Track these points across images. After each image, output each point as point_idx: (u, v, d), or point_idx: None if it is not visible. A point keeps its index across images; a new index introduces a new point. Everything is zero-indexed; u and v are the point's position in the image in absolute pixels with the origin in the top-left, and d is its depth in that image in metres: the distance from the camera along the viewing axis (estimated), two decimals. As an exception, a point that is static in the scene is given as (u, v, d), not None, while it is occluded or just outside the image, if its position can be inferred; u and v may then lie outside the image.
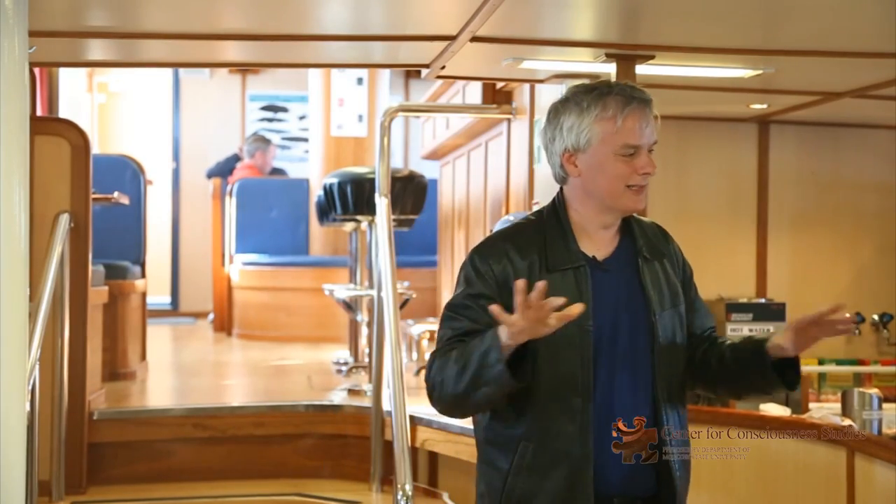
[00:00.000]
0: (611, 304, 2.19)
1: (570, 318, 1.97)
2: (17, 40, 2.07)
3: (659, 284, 2.25)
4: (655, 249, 2.29)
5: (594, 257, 2.22)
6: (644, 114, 2.25)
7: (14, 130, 2.07)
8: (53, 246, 3.92)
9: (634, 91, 2.24)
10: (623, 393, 2.17)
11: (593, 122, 2.19)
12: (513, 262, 2.18)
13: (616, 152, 2.20)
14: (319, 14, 3.10)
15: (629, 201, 2.22)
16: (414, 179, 5.27)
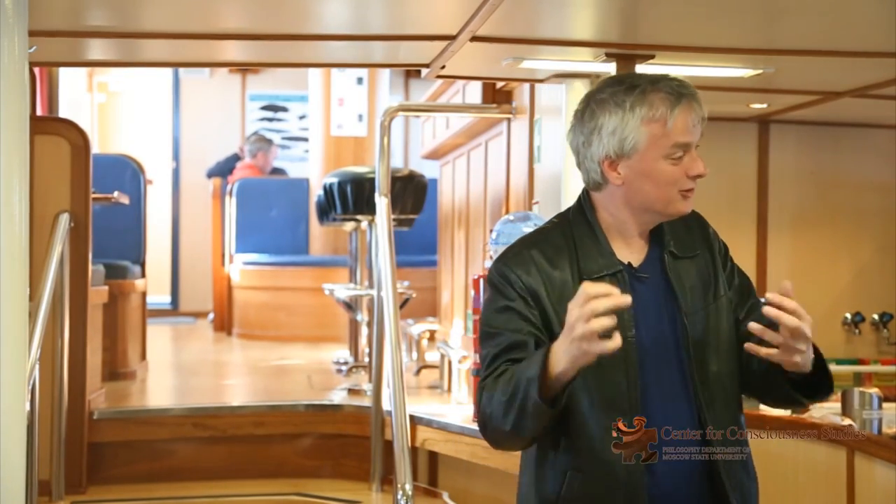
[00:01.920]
0: (651, 312, 2.02)
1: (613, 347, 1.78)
2: (17, 40, 2.07)
3: (690, 281, 2.07)
4: (685, 244, 2.11)
5: (629, 263, 2.04)
6: (693, 109, 2.05)
7: (14, 130, 2.07)
8: (53, 246, 3.92)
9: (682, 86, 2.04)
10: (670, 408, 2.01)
11: (641, 125, 1.99)
12: (543, 272, 1.99)
13: (666, 154, 2.02)
14: (319, 13, 3.09)
15: (681, 205, 2.06)
16: (414, 179, 5.27)
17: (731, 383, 2.10)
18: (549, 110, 3.83)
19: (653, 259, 2.07)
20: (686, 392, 2.02)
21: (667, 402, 2.01)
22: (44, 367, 3.89)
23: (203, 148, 9.89)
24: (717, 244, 2.19)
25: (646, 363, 1.98)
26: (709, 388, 2.03)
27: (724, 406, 2.07)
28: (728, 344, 2.09)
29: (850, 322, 5.28)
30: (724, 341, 2.08)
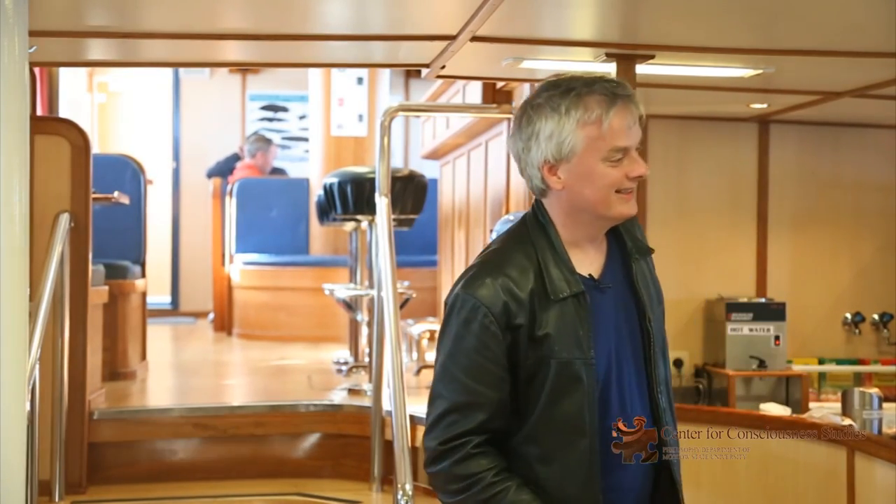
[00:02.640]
0: (610, 323, 2.02)
1: None
2: (17, 40, 2.07)
3: (647, 284, 2.12)
4: (642, 246, 2.14)
5: (590, 276, 2.03)
6: (630, 110, 1.96)
7: (14, 130, 2.07)
8: (53, 246, 3.92)
9: (617, 87, 1.96)
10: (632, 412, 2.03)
11: (577, 128, 1.94)
12: (515, 299, 1.96)
13: (604, 157, 1.95)
14: (319, 14, 3.09)
15: (623, 207, 2.00)
16: (414, 179, 5.27)
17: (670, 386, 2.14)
18: (550, 110, 3.82)
19: (613, 265, 2.08)
20: (643, 395, 2.06)
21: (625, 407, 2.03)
22: (44, 367, 3.89)
23: (203, 148, 9.89)
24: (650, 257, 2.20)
25: (608, 378, 2.00)
26: (662, 391, 2.07)
27: (670, 408, 2.10)
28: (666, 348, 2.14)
29: (850, 322, 5.28)
30: (667, 345, 2.14)
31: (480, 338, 1.96)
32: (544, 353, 1.95)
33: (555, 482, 1.99)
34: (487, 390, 1.96)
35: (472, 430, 1.96)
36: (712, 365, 5.10)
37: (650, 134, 5.12)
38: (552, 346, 1.95)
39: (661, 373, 2.07)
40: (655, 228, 5.14)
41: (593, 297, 2.01)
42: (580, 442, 1.97)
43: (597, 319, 1.99)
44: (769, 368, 4.94)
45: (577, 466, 1.98)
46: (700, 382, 5.12)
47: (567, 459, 1.98)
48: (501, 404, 1.96)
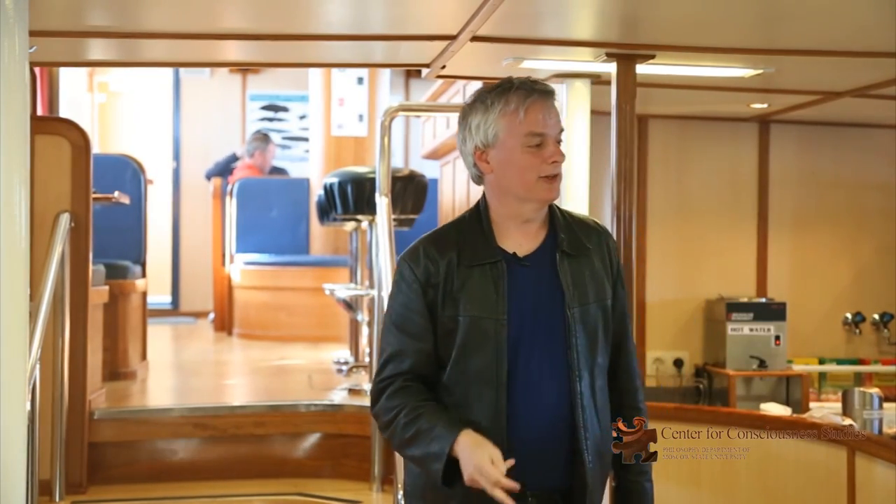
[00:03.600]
0: (529, 298, 2.23)
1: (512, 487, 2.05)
2: (17, 40, 2.07)
3: (580, 279, 2.27)
4: (579, 244, 2.30)
5: (514, 253, 2.26)
6: (546, 105, 2.23)
7: (14, 130, 2.07)
8: (54, 245, 3.92)
9: (535, 84, 2.24)
10: (541, 384, 2.22)
11: (498, 117, 2.22)
12: (434, 262, 2.25)
13: (523, 143, 2.21)
14: (320, 14, 3.09)
15: (543, 192, 2.24)
16: (414, 179, 5.27)
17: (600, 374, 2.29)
18: (550, 110, 3.82)
19: (544, 251, 2.28)
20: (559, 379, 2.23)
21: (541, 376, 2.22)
22: (44, 366, 3.89)
23: (203, 148, 9.89)
24: (614, 260, 2.37)
25: (522, 342, 2.21)
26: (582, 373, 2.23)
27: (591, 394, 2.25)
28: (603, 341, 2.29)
29: (850, 322, 5.28)
30: (600, 337, 2.28)
31: (407, 294, 2.26)
32: (459, 310, 2.21)
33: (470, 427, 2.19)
34: (414, 341, 2.23)
35: (402, 372, 2.24)
36: (712, 365, 5.10)
37: (650, 134, 5.13)
38: (466, 303, 2.20)
39: (585, 362, 2.24)
40: (655, 228, 5.15)
41: (511, 270, 2.24)
42: (488, 394, 2.19)
43: (512, 289, 2.22)
44: (769, 368, 4.95)
45: (485, 416, 2.18)
46: (700, 382, 5.12)
47: (477, 409, 2.20)
48: (426, 353, 2.24)
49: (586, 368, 2.23)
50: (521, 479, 2.14)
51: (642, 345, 5.05)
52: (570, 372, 2.22)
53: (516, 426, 2.19)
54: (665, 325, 5.16)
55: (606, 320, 2.30)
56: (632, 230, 3.19)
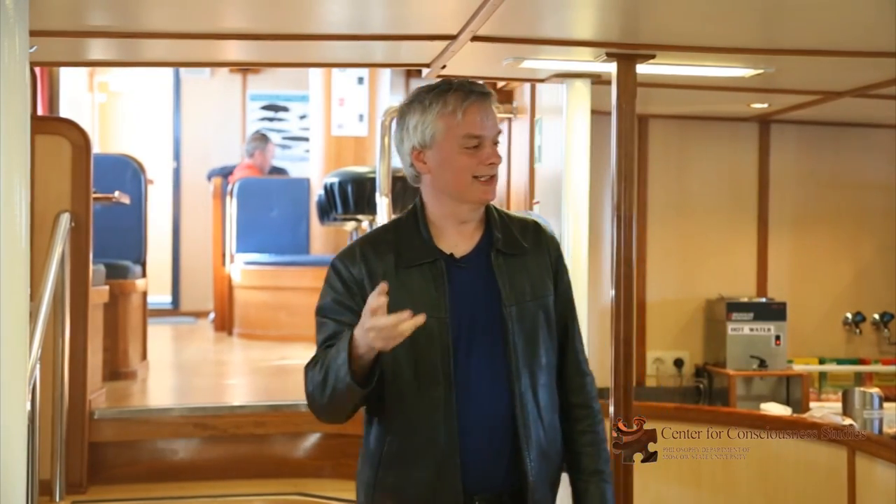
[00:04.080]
0: (468, 297, 2.24)
1: (418, 323, 2.03)
2: (17, 40, 2.07)
3: (517, 277, 2.27)
4: (514, 243, 2.30)
5: (451, 254, 2.26)
6: (483, 106, 2.24)
7: (15, 130, 2.07)
8: (54, 245, 3.92)
9: (473, 86, 2.26)
10: (482, 384, 2.21)
11: (436, 118, 2.23)
12: (369, 264, 2.26)
13: (460, 144, 2.22)
14: (320, 13, 3.09)
15: (478, 192, 2.24)
16: (414, 179, 5.26)
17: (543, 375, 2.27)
18: (550, 110, 3.83)
19: (479, 251, 2.28)
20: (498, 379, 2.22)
21: (482, 377, 2.21)
22: (44, 366, 3.89)
23: (204, 148, 9.88)
24: (553, 256, 2.36)
25: (461, 341, 2.21)
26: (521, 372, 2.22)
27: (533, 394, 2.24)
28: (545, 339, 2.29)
29: (850, 322, 5.28)
30: (541, 336, 2.28)
31: (340, 292, 2.27)
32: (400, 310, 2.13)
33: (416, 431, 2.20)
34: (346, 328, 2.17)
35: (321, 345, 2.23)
36: (713, 365, 5.10)
37: (650, 134, 5.13)
38: (406, 305, 2.12)
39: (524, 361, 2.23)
40: (655, 228, 5.15)
41: (449, 270, 2.24)
42: (436, 391, 2.18)
43: (451, 289, 2.22)
44: (770, 368, 4.95)
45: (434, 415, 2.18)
46: (700, 382, 5.12)
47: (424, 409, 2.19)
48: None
49: (526, 368, 2.23)
50: (467, 481, 2.17)
51: (642, 345, 5.06)
52: (509, 372, 2.22)
53: (466, 427, 2.19)
54: (665, 325, 5.16)
55: (548, 318, 2.30)
56: (632, 230, 3.19)
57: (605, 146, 3.30)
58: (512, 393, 2.21)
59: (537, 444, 2.22)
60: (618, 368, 3.12)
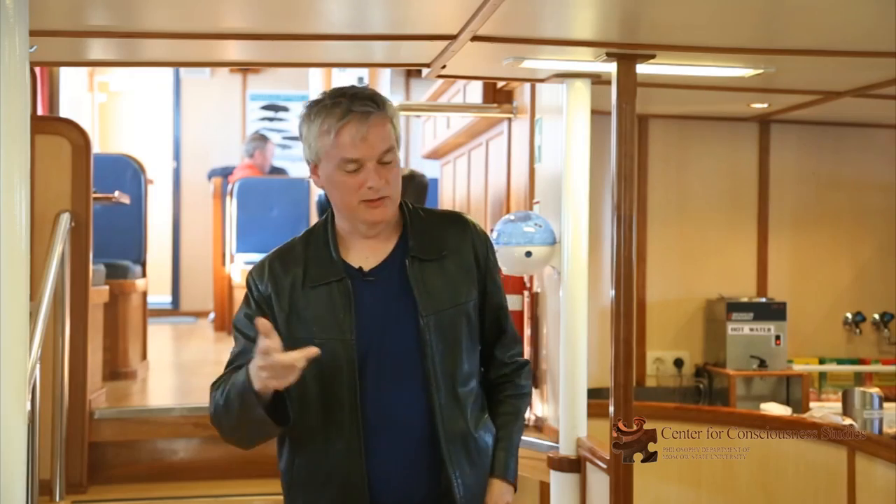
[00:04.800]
0: (377, 313, 2.15)
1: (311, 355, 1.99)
2: (17, 40, 2.07)
3: (435, 284, 2.17)
4: (432, 247, 2.20)
5: (360, 268, 2.18)
6: (360, 127, 2.10)
7: (15, 130, 2.07)
8: (54, 245, 3.92)
9: (354, 102, 2.11)
10: (397, 402, 2.14)
11: (317, 136, 2.14)
12: (276, 280, 2.18)
13: (338, 167, 2.13)
14: (320, 13, 3.09)
15: (366, 214, 2.15)
16: (415, 178, 5.27)
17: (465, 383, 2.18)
18: (550, 110, 3.83)
19: (393, 261, 2.19)
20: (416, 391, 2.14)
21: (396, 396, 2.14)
22: (45, 366, 3.89)
23: (203, 148, 9.89)
24: (480, 253, 2.24)
25: (371, 361, 2.13)
26: (441, 384, 2.14)
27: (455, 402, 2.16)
28: (467, 346, 2.19)
29: (850, 322, 5.28)
30: (463, 343, 2.18)
31: (252, 308, 2.19)
32: (305, 332, 2.12)
33: (322, 454, 2.15)
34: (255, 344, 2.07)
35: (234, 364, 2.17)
36: (713, 364, 5.10)
37: (650, 134, 5.13)
38: (313, 325, 2.12)
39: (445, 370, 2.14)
40: (655, 228, 5.15)
41: (357, 286, 2.15)
42: (342, 415, 2.11)
43: (359, 306, 2.13)
44: (770, 368, 4.95)
45: (341, 440, 2.12)
46: (701, 382, 5.12)
47: (330, 433, 2.13)
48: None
49: (445, 378, 2.14)
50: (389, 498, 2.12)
51: (642, 345, 5.06)
52: (428, 385, 2.13)
53: (377, 448, 2.12)
54: (665, 325, 5.16)
55: (470, 323, 2.20)
56: (632, 230, 3.18)
57: (605, 146, 3.30)
58: (430, 406, 2.13)
59: (459, 455, 2.15)
60: (618, 368, 3.12)
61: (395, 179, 2.17)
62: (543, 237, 3.53)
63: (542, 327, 3.86)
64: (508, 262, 3.58)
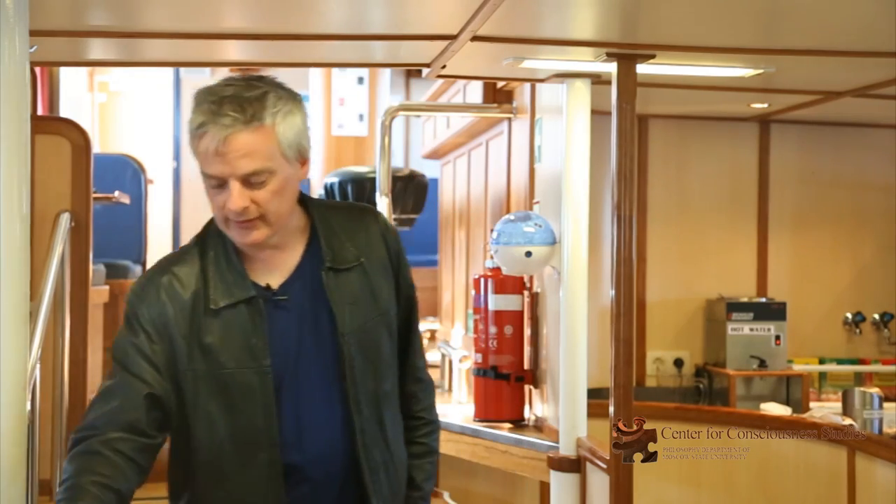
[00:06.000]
0: (292, 335, 1.89)
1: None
2: (17, 40, 2.07)
3: (354, 295, 1.92)
4: (347, 254, 1.93)
5: (267, 286, 1.90)
6: (217, 140, 1.76)
7: (15, 130, 2.07)
8: (54, 245, 3.92)
9: (223, 107, 1.77)
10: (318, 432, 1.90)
11: (190, 140, 1.85)
12: (172, 302, 1.87)
13: (203, 176, 1.84)
14: (320, 13, 3.09)
15: (235, 235, 1.87)
16: (415, 179, 5.28)
17: (387, 400, 1.98)
18: (550, 110, 3.83)
19: (302, 274, 1.92)
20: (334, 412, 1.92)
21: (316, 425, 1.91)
22: (44, 366, 3.89)
23: (204, 147, 9.89)
24: (392, 247, 2.02)
25: (290, 390, 1.88)
26: (363, 408, 1.92)
27: (378, 425, 1.95)
28: (389, 359, 1.99)
29: (850, 322, 5.28)
30: (385, 358, 1.97)
31: (137, 335, 1.87)
32: (211, 363, 1.85)
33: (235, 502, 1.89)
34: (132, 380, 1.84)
35: (106, 418, 1.84)
36: (713, 364, 5.10)
37: (650, 133, 5.13)
38: (218, 355, 1.85)
39: (366, 390, 1.92)
40: (655, 228, 5.15)
41: (267, 308, 1.88)
42: (258, 455, 1.87)
43: (272, 329, 1.87)
44: (770, 368, 4.95)
45: (258, 482, 1.87)
46: (700, 382, 5.12)
47: (245, 475, 1.87)
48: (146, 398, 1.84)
49: (367, 400, 1.92)
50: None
51: (642, 345, 5.06)
52: (348, 410, 1.90)
53: (297, 480, 1.89)
54: (665, 325, 5.16)
55: (391, 333, 1.98)
56: (632, 230, 3.18)
57: (605, 146, 3.30)
58: (351, 431, 1.90)
59: (385, 481, 1.95)
60: (618, 368, 3.12)
61: (271, 199, 1.82)
62: (543, 237, 3.53)
63: (542, 327, 3.86)
64: (508, 262, 3.58)
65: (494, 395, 3.95)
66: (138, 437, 1.87)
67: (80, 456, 1.83)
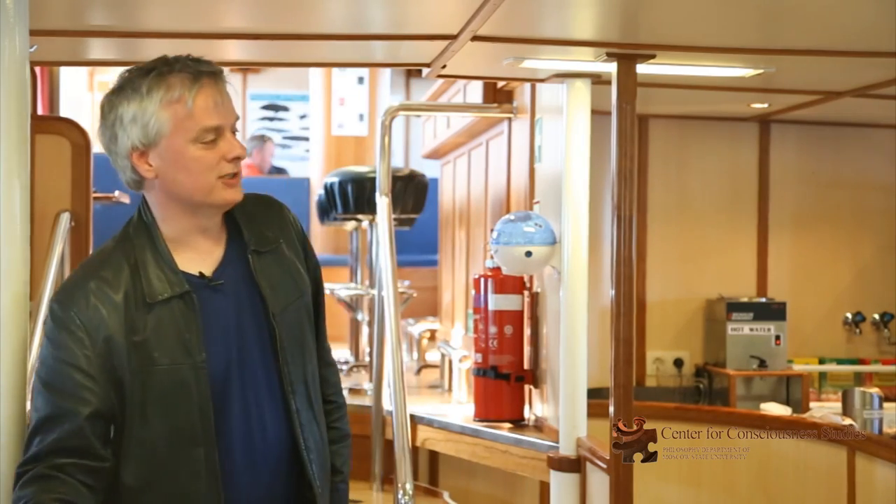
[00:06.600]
0: (230, 324, 1.89)
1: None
2: (17, 39, 2.07)
3: (278, 277, 1.94)
4: (266, 237, 1.96)
5: (200, 274, 1.89)
6: (217, 88, 1.90)
7: (15, 129, 2.07)
8: (54, 245, 3.92)
9: (200, 64, 1.88)
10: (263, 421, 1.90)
11: (159, 109, 1.83)
12: (103, 303, 1.82)
13: (194, 139, 1.85)
14: (320, 13, 3.09)
15: (225, 194, 1.87)
16: (415, 178, 5.27)
17: (314, 382, 1.99)
18: (550, 110, 3.83)
19: (231, 260, 1.93)
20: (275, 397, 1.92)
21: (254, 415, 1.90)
22: (44, 366, 3.89)
23: (204, 147, 9.89)
24: (298, 233, 2.04)
25: (228, 385, 1.87)
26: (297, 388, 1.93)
27: (309, 406, 1.95)
28: (310, 341, 2.00)
29: (850, 322, 5.28)
30: (308, 339, 1.99)
31: (66, 346, 1.82)
32: (145, 361, 1.82)
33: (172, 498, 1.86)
34: (69, 402, 1.80)
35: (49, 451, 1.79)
36: (713, 364, 5.10)
37: (650, 133, 5.13)
38: (152, 352, 1.82)
39: (298, 371, 1.93)
40: (656, 227, 5.15)
41: (204, 297, 1.87)
42: (194, 451, 1.84)
43: (210, 320, 1.86)
44: (770, 368, 4.95)
45: (194, 479, 1.84)
46: (700, 382, 5.12)
47: (180, 473, 1.84)
48: (86, 417, 1.80)
49: (300, 380, 1.92)
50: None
51: (642, 345, 5.06)
52: (285, 395, 1.90)
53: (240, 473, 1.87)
54: (665, 325, 5.16)
55: (309, 315, 2.00)
56: (632, 230, 3.18)
57: (605, 146, 3.30)
58: (289, 414, 1.90)
59: (320, 465, 1.95)
60: (618, 368, 3.12)
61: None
62: (543, 237, 3.53)
63: (542, 327, 3.86)
64: (508, 262, 3.58)
65: (494, 394, 3.95)
66: (89, 462, 1.81)
67: (34, 480, 1.78)
